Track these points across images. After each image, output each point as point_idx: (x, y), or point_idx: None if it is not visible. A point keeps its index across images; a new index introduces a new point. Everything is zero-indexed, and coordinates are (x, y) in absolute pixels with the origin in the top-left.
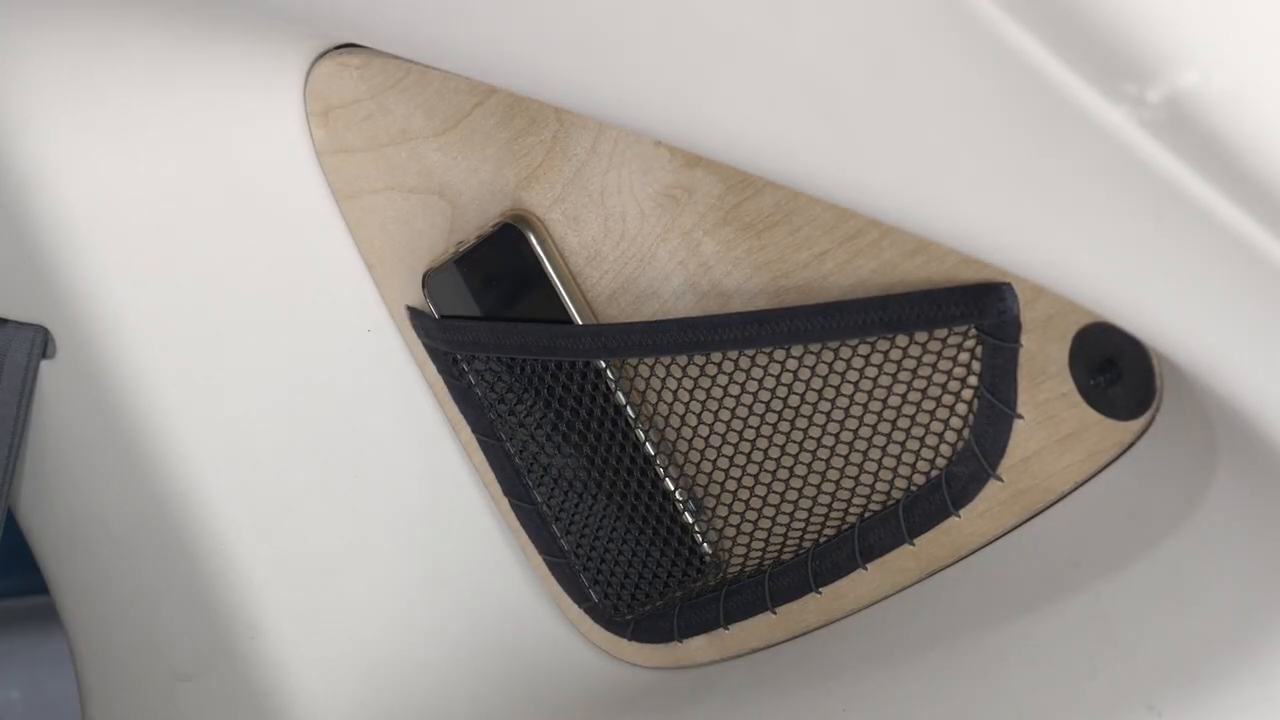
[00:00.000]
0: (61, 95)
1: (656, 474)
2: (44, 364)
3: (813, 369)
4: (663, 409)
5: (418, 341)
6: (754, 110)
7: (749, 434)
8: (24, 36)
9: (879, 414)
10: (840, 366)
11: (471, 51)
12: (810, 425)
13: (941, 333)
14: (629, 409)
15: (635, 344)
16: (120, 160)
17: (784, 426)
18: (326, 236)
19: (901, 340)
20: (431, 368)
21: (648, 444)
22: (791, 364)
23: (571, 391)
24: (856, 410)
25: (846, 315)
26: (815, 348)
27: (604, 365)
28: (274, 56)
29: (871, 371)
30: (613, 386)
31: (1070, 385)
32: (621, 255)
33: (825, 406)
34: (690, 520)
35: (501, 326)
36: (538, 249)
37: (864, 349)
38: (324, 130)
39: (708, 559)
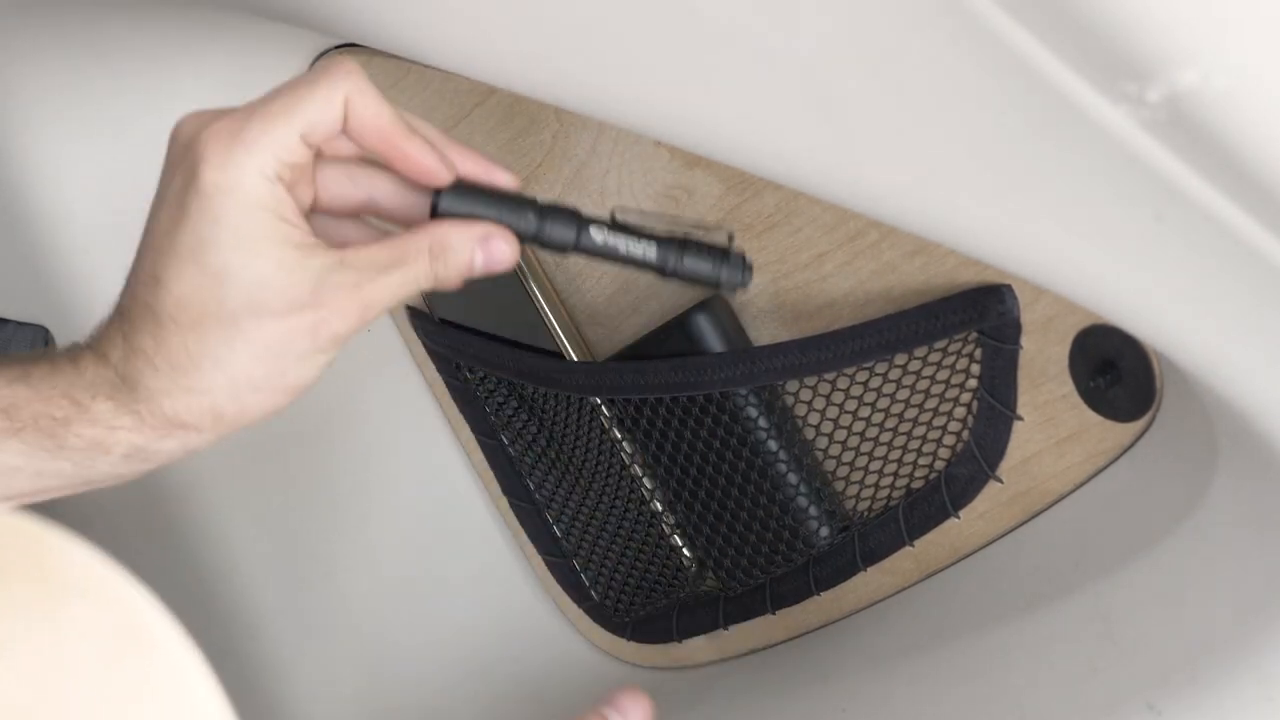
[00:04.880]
0: (62, 96)
1: (644, 495)
2: None
3: (804, 395)
4: (655, 435)
5: (418, 341)
6: (754, 110)
7: (742, 455)
8: (24, 37)
9: (879, 424)
10: (829, 389)
11: (471, 51)
12: (806, 428)
13: (941, 342)
14: (625, 445)
15: (628, 384)
16: (120, 160)
17: (778, 445)
18: None
19: (900, 359)
20: (431, 368)
21: (636, 467)
22: (786, 390)
23: (561, 415)
24: (849, 422)
25: (841, 344)
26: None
27: (599, 401)
28: (275, 56)
29: (871, 384)
30: (608, 425)
31: (1070, 387)
32: None
33: (819, 421)
34: (679, 541)
35: (501, 349)
36: (519, 263)
37: (862, 372)
38: None
39: (688, 566)
